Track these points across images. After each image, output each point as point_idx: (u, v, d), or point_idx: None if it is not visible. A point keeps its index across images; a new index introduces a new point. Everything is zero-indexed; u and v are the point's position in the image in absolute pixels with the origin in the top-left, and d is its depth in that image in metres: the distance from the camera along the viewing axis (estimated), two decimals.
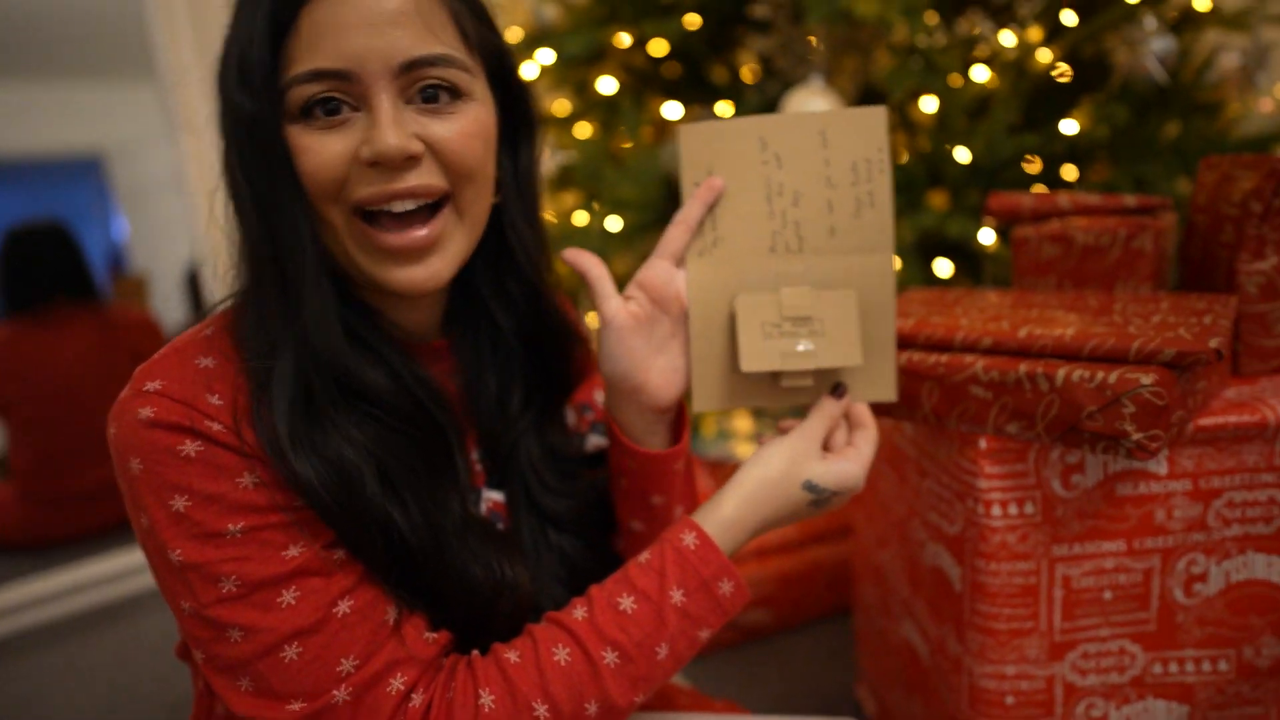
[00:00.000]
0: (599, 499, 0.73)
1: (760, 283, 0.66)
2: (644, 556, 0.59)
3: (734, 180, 0.66)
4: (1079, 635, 0.74)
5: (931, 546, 0.83)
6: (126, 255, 4.66)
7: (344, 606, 0.52)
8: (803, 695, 1.20)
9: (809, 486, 0.61)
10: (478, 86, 0.57)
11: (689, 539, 0.59)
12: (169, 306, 3.92)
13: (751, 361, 0.63)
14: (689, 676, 1.27)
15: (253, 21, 0.51)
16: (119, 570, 1.95)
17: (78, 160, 4.41)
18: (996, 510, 0.72)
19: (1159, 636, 0.73)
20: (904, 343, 0.78)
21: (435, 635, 0.56)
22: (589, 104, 1.61)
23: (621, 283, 0.67)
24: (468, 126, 0.56)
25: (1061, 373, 0.65)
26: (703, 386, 0.67)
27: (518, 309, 0.67)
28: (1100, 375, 0.64)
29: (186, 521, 0.49)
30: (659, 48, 1.54)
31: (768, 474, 0.61)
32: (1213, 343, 0.63)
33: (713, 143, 0.66)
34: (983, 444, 0.72)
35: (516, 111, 0.63)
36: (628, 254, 1.39)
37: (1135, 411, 0.62)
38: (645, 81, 1.60)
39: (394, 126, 0.52)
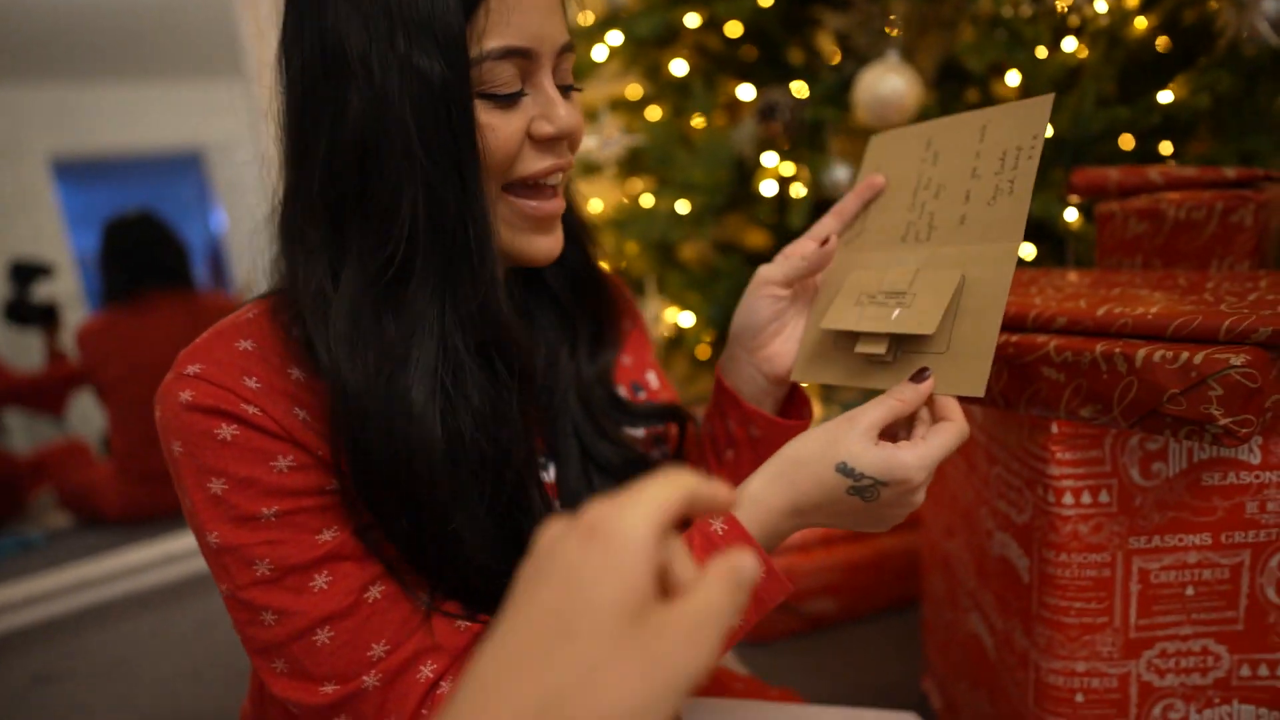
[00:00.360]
0: (649, 461, 0.73)
1: (880, 266, 0.67)
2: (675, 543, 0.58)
3: (894, 177, 0.70)
4: (1157, 633, 0.69)
5: (999, 536, 0.79)
6: (225, 247, 4.89)
7: (375, 592, 0.53)
8: (867, 686, 1.17)
9: (843, 469, 0.54)
10: None
11: (716, 524, 0.56)
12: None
13: (831, 320, 0.65)
14: (748, 663, 1.26)
15: None
16: None
17: (179, 156, 4.64)
18: (1068, 499, 0.68)
19: (1247, 637, 0.68)
20: None
21: (468, 624, 0.56)
22: (660, 86, 1.60)
23: (689, 268, 0.69)
24: (579, 108, 0.60)
25: (1141, 353, 0.61)
26: (800, 356, 0.69)
27: (566, 255, 0.67)
28: (1185, 355, 0.59)
29: (223, 504, 0.51)
30: (734, 29, 1.52)
31: (799, 452, 0.56)
32: None
33: (891, 146, 0.71)
34: (1054, 429, 0.68)
35: None
36: (697, 237, 1.38)
37: (1223, 394, 0.58)
38: (719, 64, 1.58)
39: (566, 106, 0.56)
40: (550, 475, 0.69)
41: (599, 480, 0.69)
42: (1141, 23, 1.18)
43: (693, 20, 1.44)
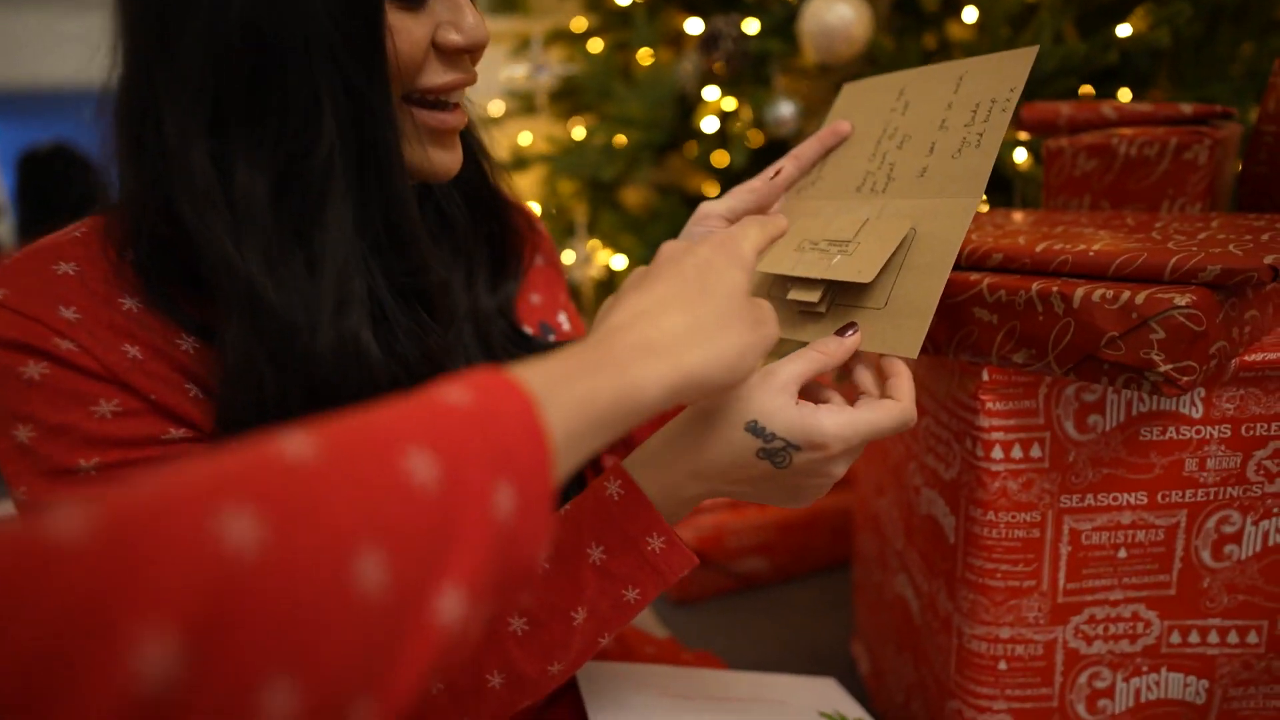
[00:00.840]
0: None
1: (829, 215, 0.62)
2: (565, 506, 0.52)
3: (861, 126, 0.66)
4: (1086, 597, 0.65)
5: (927, 493, 0.74)
6: None
7: None
8: (796, 649, 1.13)
9: (753, 428, 0.47)
10: None
11: (613, 488, 0.50)
12: None
13: (768, 263, 0.61)
14: (673, 624, 1.21)
15: None
16: None
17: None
18: (998, 453, 0.63)
19: (1179, 603, 0.64)
20: None
21: None
22: (604, 17, 1.50)
23: (626, 209, 0.64)
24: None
25: (1080, 292, 0.55)
26: None
27: (456, 178, 0.60)
28: (1125, 295, 0.54)
29: (31, 455, 0.43)
30: None
31: (708, 407, 0.49)
32: (1268, 259, 0.53)
33: (862, 95, 0.67)
34: (985, 376, 0.62)
35: None
36: (635, 177, 1.30)
37: (1165, 338, 0.52)
38: None
39: (474, 13, 0.50)
40: None
41: None
42: None
43: None
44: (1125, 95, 1.16)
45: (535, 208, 0.78)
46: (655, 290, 0.41)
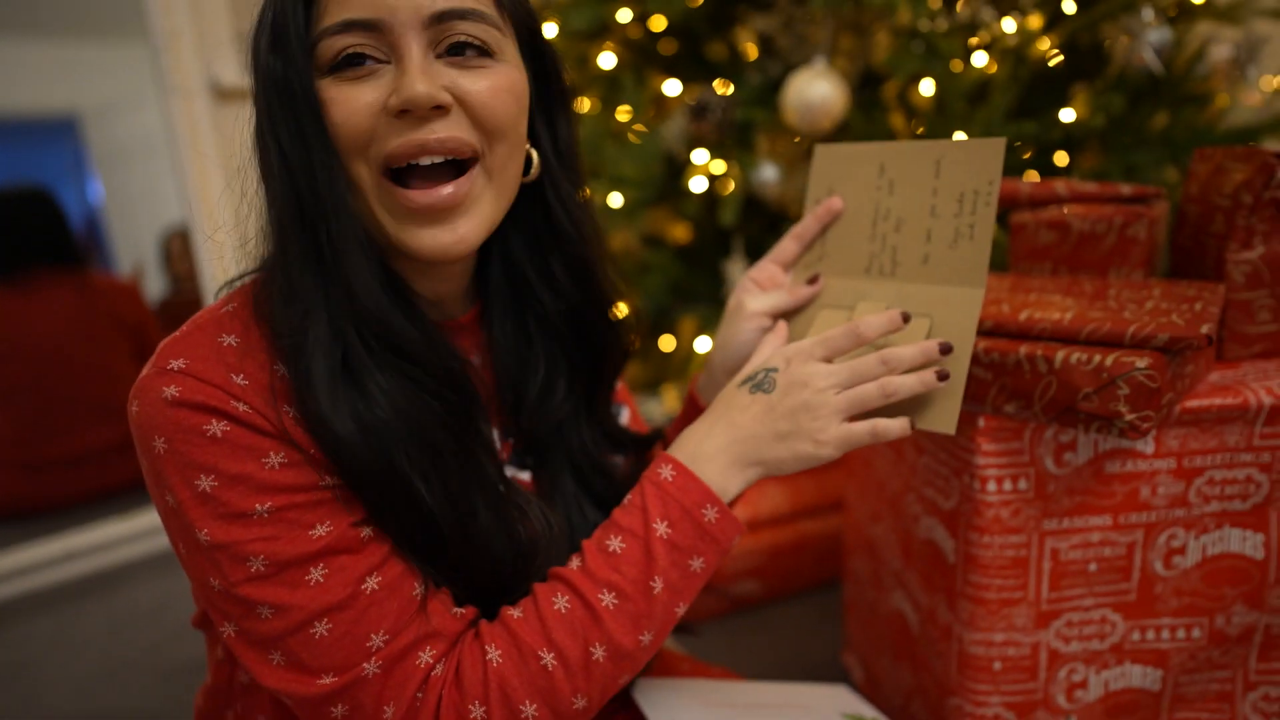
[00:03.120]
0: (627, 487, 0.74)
1: (847, 300, 0.71)
2: (627, 499, 0.62)
3: (849, 201, 0.72)
4: (1064, 605, 0.77)
5: (926, 520, 0.86)
6: (102, 220, 4.56)
7: (372, 583, 0.53)
8: (790, 662, 1.24)
9: (744, 379, 0.65)
10: (509, 48, 0.57)
11: (666, 471, 0.61)
12: (148, 272, 3.86)
13: None
14: (682, 644, 1.31)
15: None
16: (111, 539, 1.95)
17: (53, 121, 4.28)
18: (992, 486, 0.75)
19: (1138, 606, 0.77)
20: None
21: (462, 610, 0.58)
22: (589, 79, 1.61)
23: (617, 261, 0.73)
24: (498, 82, 0.56)
25: (1060, 355, 0.68)
26: None
27: (564, 289, 0.66)
28: (1097, 358, 0.67)
29: (213, 502, 0.50)
30: (658, 23, 1.54)
31: (720, 394, 0.66)
32: (1204, 329, 0.66)
33: (839, 164, 0.73)
34: (981, 423, 0.75)
35: (550, 82, 0.63)
36: (627, 230, 1.40)
37: (1129, 393, 0.65)
38: (644, 58, 1.61)
39: (423, 75, 0.52)
40: (525, 475, 0.70)
41: (589, 509, 0.70)
42: (1044, 43, 1.27)
43: (625, 15, 1.46)
44: (1062, 159, 1.33)
45: None
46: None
